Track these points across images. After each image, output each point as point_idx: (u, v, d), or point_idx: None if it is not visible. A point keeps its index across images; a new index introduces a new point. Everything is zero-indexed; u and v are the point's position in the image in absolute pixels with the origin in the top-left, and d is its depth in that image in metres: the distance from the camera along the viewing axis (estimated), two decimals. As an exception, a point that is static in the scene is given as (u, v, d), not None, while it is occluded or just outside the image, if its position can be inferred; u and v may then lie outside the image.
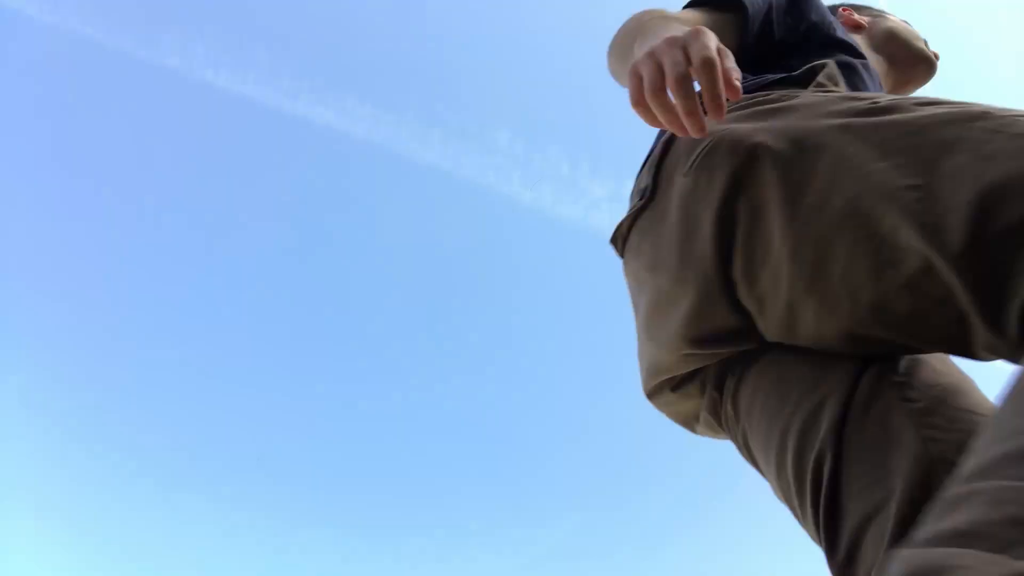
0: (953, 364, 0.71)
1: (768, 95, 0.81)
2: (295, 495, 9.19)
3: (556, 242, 8.86)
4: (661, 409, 0.96)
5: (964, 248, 0.52)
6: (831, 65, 0.93)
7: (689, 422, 0.96)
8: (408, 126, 8.70)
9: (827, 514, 0.61)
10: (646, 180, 0.87)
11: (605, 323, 9.01)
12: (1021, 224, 0.49)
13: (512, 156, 8.69)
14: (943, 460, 0.56)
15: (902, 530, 0.53)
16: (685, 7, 1.05)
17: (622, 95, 0.68)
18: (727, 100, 0.62)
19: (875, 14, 1.35)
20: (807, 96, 0.78)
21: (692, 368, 0.84)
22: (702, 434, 0.97)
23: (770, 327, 0.72)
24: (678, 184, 0.79)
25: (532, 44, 8.97)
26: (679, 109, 0.62)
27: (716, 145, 0.72)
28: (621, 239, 0.93)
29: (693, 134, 0.63)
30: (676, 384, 0.88)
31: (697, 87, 0.62)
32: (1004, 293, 0.50)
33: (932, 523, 0.37)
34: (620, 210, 0.94)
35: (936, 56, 1.31)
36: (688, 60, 0.62)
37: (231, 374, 9.17)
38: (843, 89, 0.92)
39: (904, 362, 0.67)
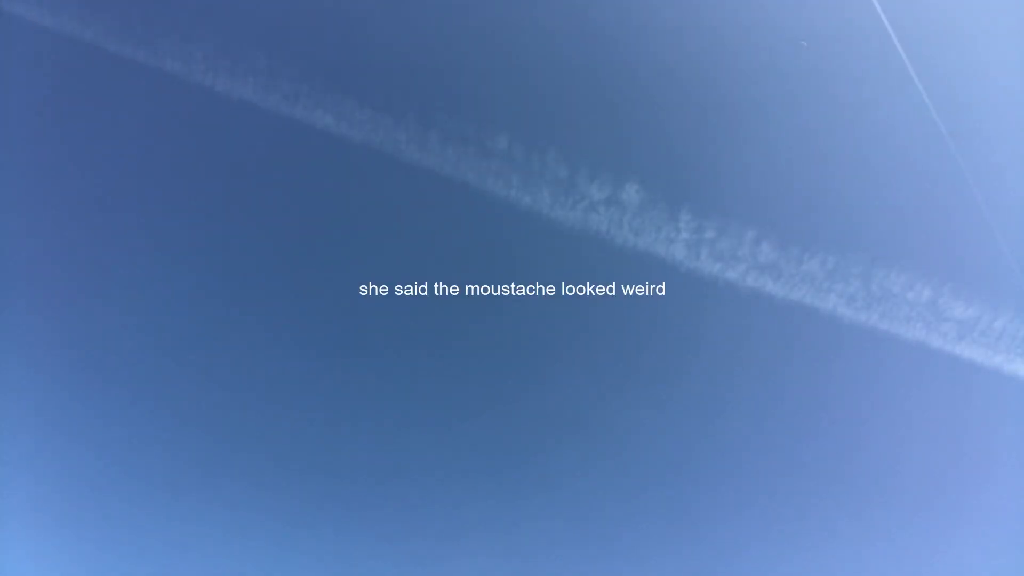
0: None
1: None
2: (294, 495, 9.18)
3: (555, 244, 8.85)
4: None
5: None
6: None
7: None
8: (407, 129, 8.71)
9: None
10: None
11: (604, 324, 9.01)
12: None
13: (511, 159, 8.70)
14: None
15: None
16: None
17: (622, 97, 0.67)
18: None
19: None
20: None
21: None
22: None
23: None
24: None
25: (532, 46, 8.98)
26: None
27: None
28: None
29: None
30: None
31: None
32: None
33: None
34: (618, 212, 0.93)
35: None
36: None
37: (230, 375, 9.15)
38: None
39: None
